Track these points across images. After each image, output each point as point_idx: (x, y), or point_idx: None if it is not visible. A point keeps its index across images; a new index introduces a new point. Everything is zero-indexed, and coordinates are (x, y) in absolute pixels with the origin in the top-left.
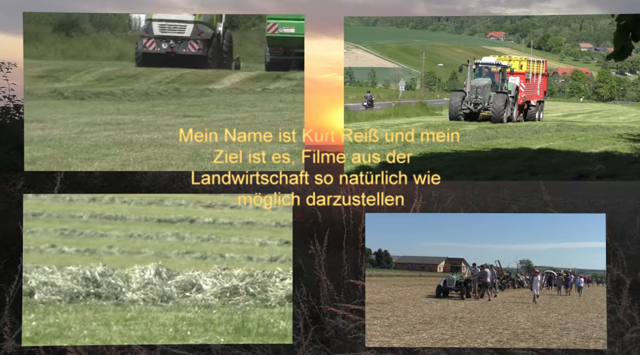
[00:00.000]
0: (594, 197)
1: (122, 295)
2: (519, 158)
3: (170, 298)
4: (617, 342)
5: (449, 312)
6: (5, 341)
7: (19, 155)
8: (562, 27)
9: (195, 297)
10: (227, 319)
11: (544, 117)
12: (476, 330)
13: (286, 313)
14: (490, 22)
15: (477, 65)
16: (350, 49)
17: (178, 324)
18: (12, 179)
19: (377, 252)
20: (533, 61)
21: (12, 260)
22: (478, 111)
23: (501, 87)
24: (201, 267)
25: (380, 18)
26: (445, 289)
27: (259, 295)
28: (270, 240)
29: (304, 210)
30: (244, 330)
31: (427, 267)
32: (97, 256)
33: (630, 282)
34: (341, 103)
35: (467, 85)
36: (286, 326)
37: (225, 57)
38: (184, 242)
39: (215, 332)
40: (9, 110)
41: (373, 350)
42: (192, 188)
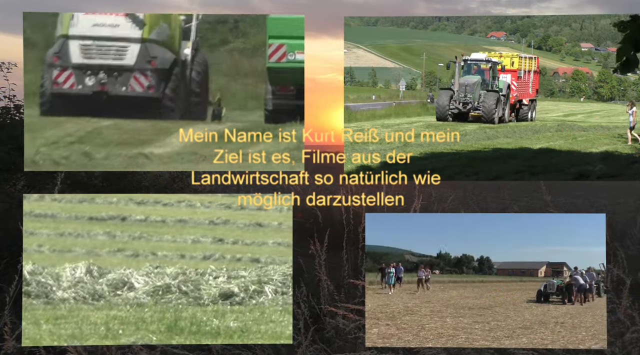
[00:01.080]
0: (594, 197)
1: (52, 294)
2: (520, 158)
3: (101, 296)
4: (619, 342)
5: (550, 317)
6: (6, 341)
7: (19, 155)
8: (562, 27)
9: (127, 296)
10: (160, 317)
11: (544, 117)
12: (578, 336)
13: (219, 311)
14: (491, 22)
15: (465, 62)
16: (351, 48)
17: (110, 322)
18: (12, 179)
19: (479, 259)
20: (525, 58)
21: (12, 260)
22: (467, 111)
23: (492, 85)
24: (133, 265)
25: (380, 18)
26: (545, 293)
27: (191, 293)
28: (204, 237)
29: (304, 210)
30: (177, 329)
31: (528, 272)
32: (27, 255)
33: (630, 282)
34: (341, 103)
35: (455, 84)
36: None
37: (195, 98)
38: (115, 240)
39: (147, 331)
40: (9, 110)
41: (373, 350)
42: (192, 188)
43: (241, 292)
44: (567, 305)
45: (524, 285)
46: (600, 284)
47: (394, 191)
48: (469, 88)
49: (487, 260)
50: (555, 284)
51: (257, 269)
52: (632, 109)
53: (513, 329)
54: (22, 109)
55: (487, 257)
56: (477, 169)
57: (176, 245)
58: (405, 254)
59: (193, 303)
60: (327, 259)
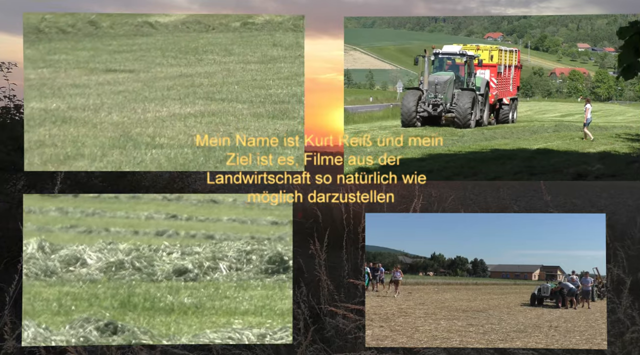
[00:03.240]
0: (594, 197)
1: None
2: (518, 159)
3: (53, 273)
4: (618, 342)
5: (544, 321)
6: (6, 341)
7: (19, 155)
8: (559, 27)
9: (79, 272)
10: (113, 293)
11: (542, 118)
12: (572, 340)
13: (172, 287)
14: (488, 23)
15: (436, 56)
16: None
17: (62, 298)
18: (13, 179)
19: (473, 261)
20: (505, 51)
21: (12, 260)
22: (439, 114)
23: (467, 83)
24: (85, 241)
25: (377, 20)
26: (539, 297)
27: (145, 269)
28: (157, 214)
29: (305, 210)
30: (130, 305)
31: (522, 275)
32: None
33: (630, 282)
34: (341, 103)
35: (424, 82)
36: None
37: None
38: (67, 216)
39: (100, 307)
40: (9, 110)
41: (373, 350)
42: (192, 188)
43: (195, 269)
44: (561, 309)
45: (518, 288)
46: (595, 290)
47: (393, 191)
48: (440, 87)
49: (481, 262)
50: (549, 288)
51: (212, 245)
52: (587, 105)
53: (507, 332)
54: (22, 108)
55: (481, 260)
56: (475, 170)
57: (129, 221)
58: (399, 254)
59: (146, 279)
60: (327, 259)
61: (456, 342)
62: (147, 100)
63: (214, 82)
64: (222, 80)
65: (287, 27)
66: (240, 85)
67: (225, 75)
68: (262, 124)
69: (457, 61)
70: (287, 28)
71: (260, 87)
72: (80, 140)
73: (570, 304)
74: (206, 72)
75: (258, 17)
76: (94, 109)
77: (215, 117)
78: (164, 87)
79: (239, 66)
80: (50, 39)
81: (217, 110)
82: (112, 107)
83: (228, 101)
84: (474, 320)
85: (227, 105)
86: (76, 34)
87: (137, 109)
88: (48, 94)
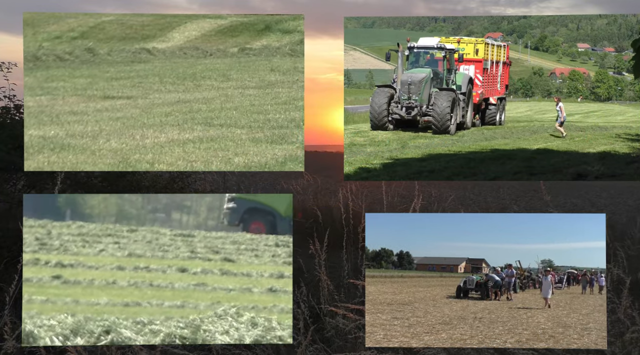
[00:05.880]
0: (594, 197)
1: None
2: (518, 159)
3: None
4: (618, 342)
5: (469, 313)
6: (6, 341)
7: (19, 155)
8: (559, 27)
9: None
10: None
11: (542, 118)
12: (495, 330)
13: None
14: (488, 23)
15: (411, 50)
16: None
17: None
18: (13, 179)
19: (399, 254)
20: (492, 45)
21: (12, 260)
22: (414, 118)
23: (447, 81)
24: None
25: (377, 20)
26: (465, 289)
27: None
28: None
29: (305, 210)
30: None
31: (448, 267)
32: None
33: (630, 282)
34: (341, 103)
35: (397, 80)
36: None
37: None
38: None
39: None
40: (9, 110)
41: (373, 350)
42: (192, 188)
43: None
44: (485, 301)
45: (444, 281)
46: (517, 282)
47: (393, 191)
48: (414, 87)
49: (406, 254)
50: (474, 280)
51: None
52: (558, 104)
53: (433, 324)
54: (22, 108)
55: (407, 252)
56: (475, 170)
57: None
58: None
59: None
60: (327, 259)
61: (380, 336)
62: (146, 127)
63: (212, 107)
64: (220, 105)
65: (284, 52)
66: (239, 110)
67: (224, 100)
68: (261, 149)
69: (436, 56)
70: (285, 53)
71: (259, 112)
72: (79, 167)
73: (494, 296)
74: (204, 98)
75: (255, 42)
76: (93, 136)
77: (214, 143)
78: (162, 113)
79: (237, 91)
80: (48, 67)
81: (216, 136)
82: (110, 133)
83: (227, 126)
84: (399, 313)
85: (226, 131)
86: (74, 61)
87: (136, 135)
88: (46, 121)
